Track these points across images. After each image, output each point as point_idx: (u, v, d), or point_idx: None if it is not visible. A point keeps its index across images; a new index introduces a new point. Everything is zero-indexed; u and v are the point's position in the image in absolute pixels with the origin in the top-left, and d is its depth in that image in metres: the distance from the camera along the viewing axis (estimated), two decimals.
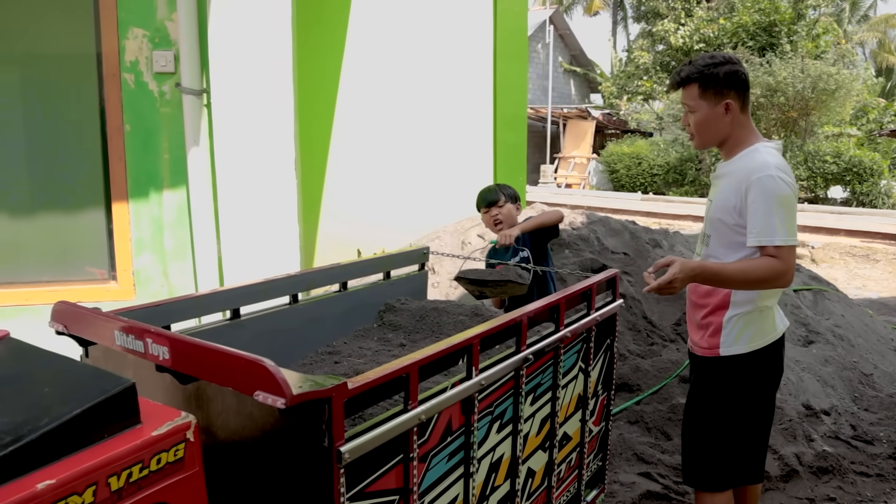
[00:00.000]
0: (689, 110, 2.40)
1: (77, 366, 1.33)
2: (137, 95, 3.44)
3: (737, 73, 2.35)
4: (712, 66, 2.33)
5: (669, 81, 2.51)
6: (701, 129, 2.40)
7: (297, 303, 2.55)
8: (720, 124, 2.37)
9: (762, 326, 2.45)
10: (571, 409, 2.49)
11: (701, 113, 2.37)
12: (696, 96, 2.36)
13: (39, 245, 3.53)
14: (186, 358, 1.47)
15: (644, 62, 23.70)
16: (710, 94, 2.34)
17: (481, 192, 3.39)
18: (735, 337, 2.45)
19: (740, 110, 2.38)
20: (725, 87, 2.33)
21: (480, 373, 1.82)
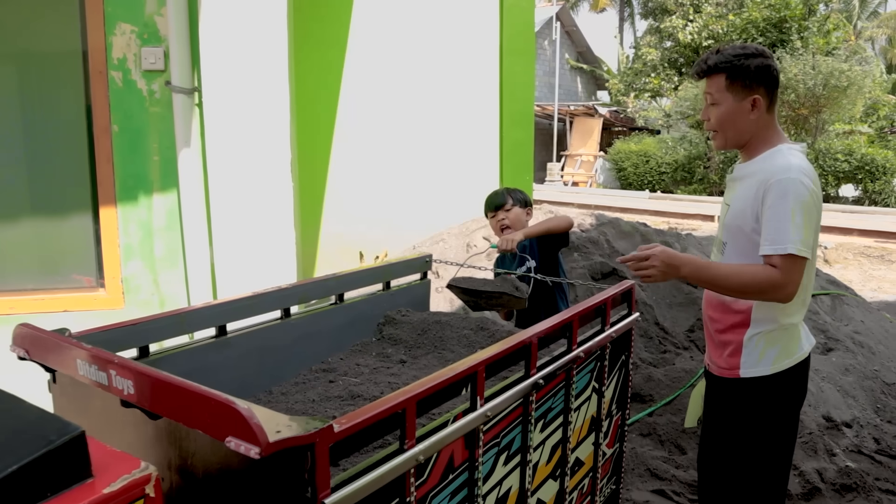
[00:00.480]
0: (712, 102, 2.18)
1: (18, 407, 1.16)
2: (125, 94, 3.27)
3: (769, 67, 2.14)
4: (743, 56, 2.13)
5: (694, 69, 2.27)
6: (724, 124, 2.18)
7: (290, 317, 2.38)
8: (745, 121, 2.16)
9: (787, 346, 2.23)
10: (584, 433, 2.31)
11: (725, 107, 2.16)
12: (722, 88, 2.15)
13: (23, 251, 3.37)
14: (152, 394, 1.29)
15: (652, 59, 23.44)
16: (737, 87, 2.13)
17: (488, 196, 3.23)
18: (758, 357, 2.24)
19: (767, 109, 2.17)
20: (755, 81, 2.12)
21: (486, 402, 1.65)
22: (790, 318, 2.22)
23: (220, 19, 3.19)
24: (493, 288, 2.73)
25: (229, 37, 3.21)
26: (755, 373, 2.24)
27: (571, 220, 3.14)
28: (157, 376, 1.27)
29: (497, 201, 3.15)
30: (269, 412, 1.20)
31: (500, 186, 3.29)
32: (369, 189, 7.29)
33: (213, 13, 3.18)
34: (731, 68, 2.13)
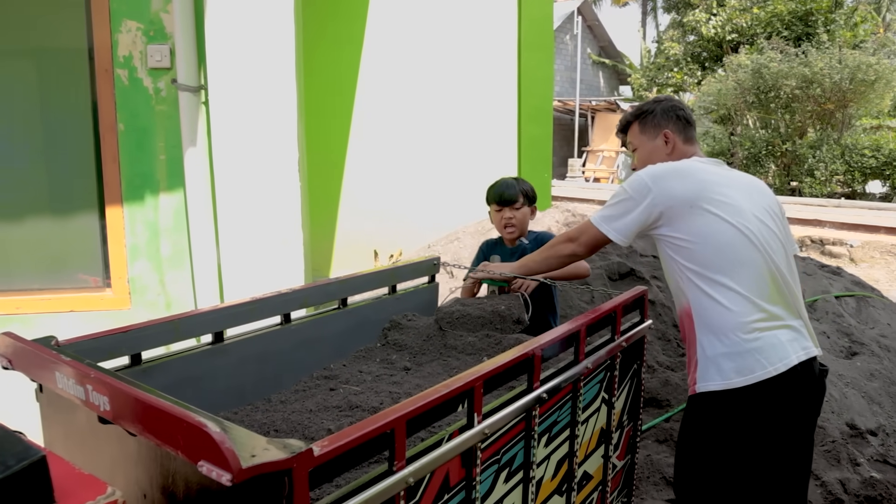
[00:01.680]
0: (633, 149, 2.46)
1: None
2: (131, 92, 3.23)
3: (673, 107, 2.39)
4: (652, 103, 2.42)
5: (616, 131, 2.57)
6: (645, 163, 2.32)
7: (290, 323, 2.32)
8: (662, 157, 2.34)
9: (748, 359, 2.00)
10: (593, 446, 2.23)
11: (643, 149, 2.41)
12: (636, 133, 2.42)
13: (30, 250, 3.35)
14: (128, 411, 1.24)
15: (675, 53, 23.14)
16: (648, 129, 2.39)
17: (497, 186, 3.01)
18: (713, 371, 2.06)
19: (683, 142, 2.36)
20: (663, 119, 2.37)
21: (485, 419, 1.57)
22: (744, 331, 2.01)
23: (226, 16, 3.13)
24: (490, 313, 2.57)
25: (236, 34, 3.16)
26: (705, 388, 2.08)
27: (589, 270, 3.03)
28: (132, 393, 1.21)
29: (508, 196, 2.96)
30: (246, 434, 1.14)
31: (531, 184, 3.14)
32: (384, 187, 7.23)
33: (219, 10, 3.12)
34: (641, 114, 2.40)
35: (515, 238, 3.05)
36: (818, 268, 6.50)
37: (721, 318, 2.03)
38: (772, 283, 2.05)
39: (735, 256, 2.03)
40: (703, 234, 2.05)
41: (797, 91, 16.18)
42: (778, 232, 2.14)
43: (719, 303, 2.03)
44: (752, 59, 17.07)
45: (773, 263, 2.07)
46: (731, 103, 17.97)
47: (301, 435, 1.88)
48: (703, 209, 2.05)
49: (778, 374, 1.98)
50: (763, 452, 2.04)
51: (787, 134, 17.21)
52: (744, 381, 1.98)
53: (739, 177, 2.22)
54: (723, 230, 2.04)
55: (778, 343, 2.02)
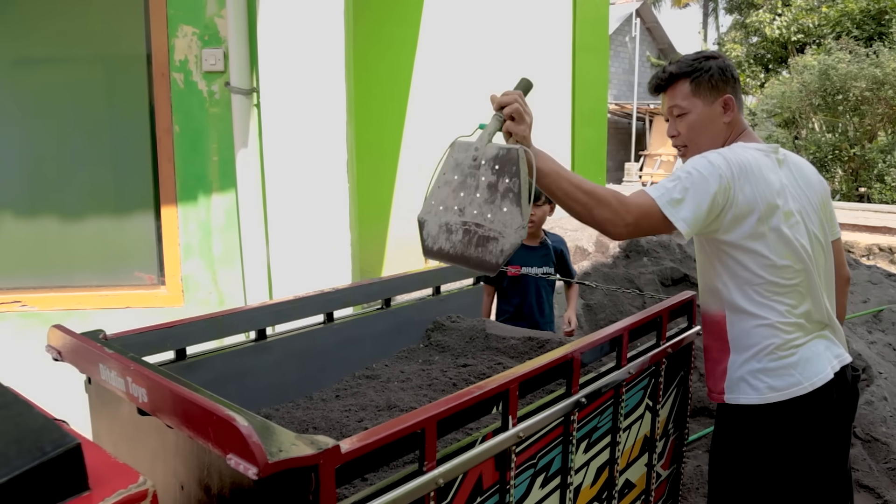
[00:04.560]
0: (679, 113, 2.01)
1: (24, 413, 1.14)
2: (186, 95, 3.32)
3: (729, 66, 1.99)
4: (703, 59, 1.99)
5: (650, 85, 2.08)
6: (697, 133, 2.00)
7: (333, 321, 2.34)
8: (718, 126, 1.99)
9: (784, 375, 1.89)
10: (636, 454, 2.18)
11: (695, 114, 1.99)
12: (688, 94, 1.98)
13: (89, 248, 3.47)
14: (164, 403, 1.26)
15: (737, 55, 22.57)
16: (704, 90, 1.97)
17: None
18: (740, 383, 1.95)
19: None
20: (721, 80, 1.97)
21: (520, 422, 1.55)
22: (783, 349, 1.90)
23: (278, 20, 3.19)
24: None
25: (287, 38, 3.21)
26: (736, 400, 1.96)
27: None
28: (168, 386, 1.24)
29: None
30: (275, 428, 1.15)
31: None
32: None
33: (271, 14, 3.18)
34: (694, 72, 1.96)
35: (534, 233, 3.17)
36: (885, 276, 6.24)
37: (760, 336, 1.91)
38: (815, 298, 1.94)
39: (786, 276, 1.89)
40: (759, 250, 1.87)
41: (867, 93, 15.58)
42: (822, 238, 1.99)
43: (762, 321, 1.90)
44: (820, 60, 16.52)
45: (818, 276, 1.95)
46: (795, 106, 17.42)
47: (338, 433, 1.90)
48: (764, 221, 1.85)
49: (814, 389, 1.89)
50: (799, 465, 1.95)
51: (855, 138, 16.59)
52: (778, 396, 1.89)
53: (794, 173, 1.99)
54: (780, 248, 1.87)
55: (814, 355, 1.92)
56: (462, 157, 1.75)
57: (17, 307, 3.37)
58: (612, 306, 4.81)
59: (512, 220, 1.61)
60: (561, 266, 3.30)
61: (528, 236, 3.23)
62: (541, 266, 3.20)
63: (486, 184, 1.68)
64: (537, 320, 3.20)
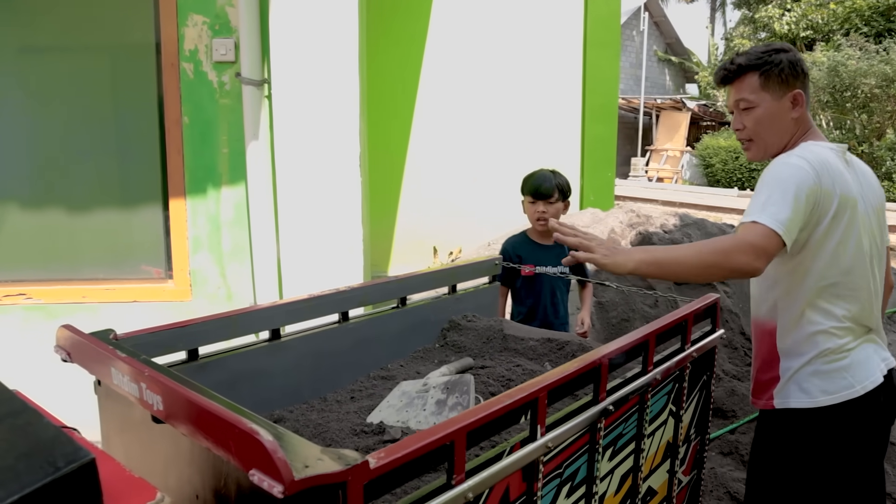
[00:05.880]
0: (746, 107, 1.95)
1: (35, 423, 1.08)
2: (196, 86, 3.25)
3: (800, 60, 1.93)
4: (773, 52, 1.92)
5: (716, 76, 2.04)
6: (764, 128, 1.94)
7: (348, 321, 2.28)
8: (786, 122, 1.93)
9: (836, 378, 1.88)
10: (658, 460, 2.12)
11: (763, 108, 1.93)
12: (756, 88, 1.92)
13: (96, 240, 3.41)
14: (180, 412, 1.20)
15: None
16: (774, 84, 1.91)
17: (534, 178, 3.02)
18: (792, 387, 1.94)
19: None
20: (792, 75, 1.91)
21: (548, 431, 1.49)
22: (837, 353, 1.88)
23: (290, 10, 3.12)
24: None
25: (299, 28, 3.14)
26: (786, 405, 1.95)
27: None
28: (185, 394, 1.17)
29: (543, 190, 2.98)
30: (300, 442, 1.09)
31: (567, 177, 3.11)
32: (445, 183, 7.18)
33: (283, 4, 3.11)
34: (764, 65, 1.90)
35: (547, 232, 3.07)
36: None
37: (815, 341, 1.89)
38: (869, 303, 1.92)
39: (853, 282, 1.87)
40: (831, 251, 1.83)
41: (876, 90, 15.46)
42: (879, 243, 1.97)
43: (818, 326, 1.88)
44: (829, 57, 16.40)
45: (876, 281, 1.93)
46: None
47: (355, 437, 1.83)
48: (839, 220, 1.81)
49: (865, 393, 1.88)
50: (845, 468, 1.93)
51: (863, 135, 16.48)
52: (830, 399, 1.87)
53: (858, 175, 1.94)
54: (848, 251, 1.84)
55: (864, 359, 1.92)
56: (409, 388, 1.95)
57: (21, 300, 3.31)
58: (623, 304, 4.74)
59: None
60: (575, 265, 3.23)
61: (542, 235, 3.19)
62: (555, 265, 3.13)
63: (435, 401, 1.85)
64: (552, 321, 3.14)
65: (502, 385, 2.19)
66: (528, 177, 3.10)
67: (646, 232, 5.36)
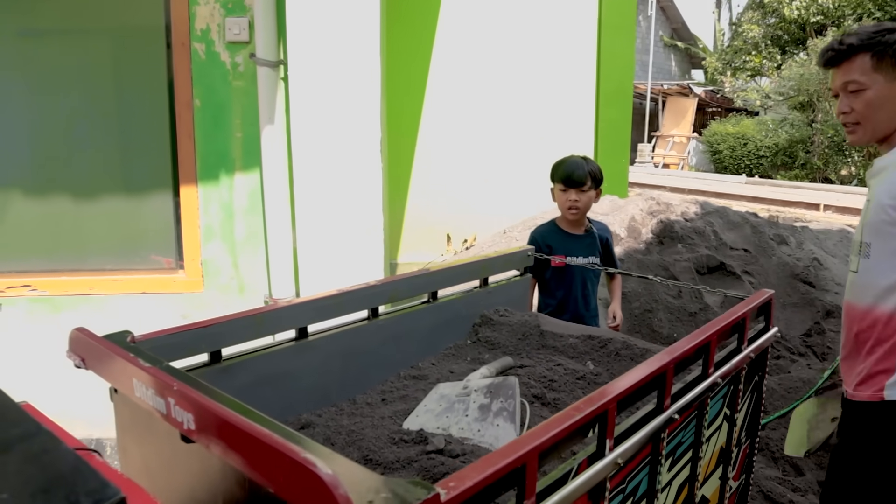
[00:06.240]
0: (856, 89, 1.87)
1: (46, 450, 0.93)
2: (208, 67, 3.09)
3: None
4: (886, 32, 1.84)
5: (823, 58, 1.95)
6: (874, 111, 1.87)
7: (378, 317, 2.13)
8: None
9: None
10: (711, 467, 1.98)
11: (875, 90, 1.85)
12: (868, 70, 1.85)
13: (103, 230, 3.26)
14: (217, 434, 1.05)
15: (753, 36, 22.15)
16: (887, 66, 1.83)
17: (566, 164, 2.90)
18: None
19: None
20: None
21: (616, 446, 1.34)
22: None
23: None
24: None
25: (317, 6, 2.97)
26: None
27: None
28: (225, 415, 1.02)
29: (576, 177, 2.85)
30: (360, 472, 0.94)
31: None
32: (458, 168, 7.01)
33: None
34: (877, 45, 1.83)
35: (578, 220, 2.98)
36: None
37: None
38: None
39: None
40: None
41: None
42: None
43: None
44: None
45: None
46: (813, 89, 17.07)
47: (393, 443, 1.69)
48: None
49: None
50: None
51: None
52: None
53: None
54: None
55: None
56: (448, 391, 1.84)
57: (26, 291, 3.17)
58: (646, 295, 4.59)
59: (505, 434, 1.66)
60: (606, 255, 3.09)
61: (572, 224, 3.04)
62: (586, 256, 2.99)
63: (478, 406, 1.75)
64: (582, 313, 3.00)
65: (544, 386, 2.04)
66: (558, 163, 2.95)
67: (667, 220, 5.21)
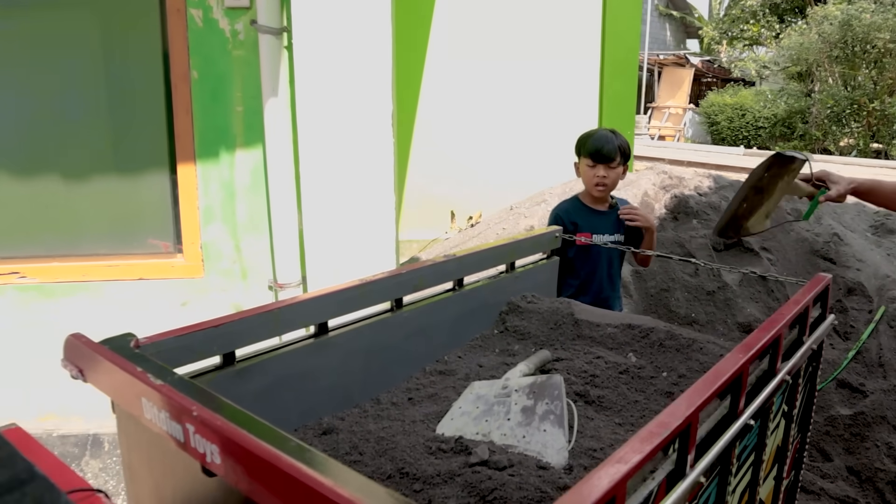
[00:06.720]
0: None
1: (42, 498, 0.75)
2: (206, 35, 2.86)
3: None
4: None
5: None
6: None
7: (402, 309, 1.95)
8: None
9: None
10: (768, 468, 1.82)
11: None
12: None
13: (96, 212, 3.06)
14: (248, 472, 0.87)
15: (751, 4, 21.83)
16: None
17: (594, 138, 2.70)
18: None
19: None
20: None
21: (697, 462, 1.17)
22: None
23: None
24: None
25: None
26: None
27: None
28: (259, 448, 0.84)
29: (606, 152, 2.65)
30: None
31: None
32: (460, 142, 6.80)
33: None
34: None
35: (603, 197, 2.80)
36: None
37: None
38: None
39: None
40: None
41: (891, 45, 15.00)
42: None
43: None
44: (842, 10, 15.88)
45: None
46: (812, 58, 16.83)
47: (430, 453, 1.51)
48: None
49: None
50: None
51: (874, 92, 16.06)
52: None
53: None
54: None
55: None
56: (485, 391, 1.70)
57: (14, 279, 2.97)
58: (662, 273, 4.43)
59: (553, 440, 1.53)
60: (630, 232, 2.91)
61: (597, 201, 2.86)
62: (612, 233, 2.82)
63: (521, 408, 1.62)
64: (608, 294, 2.83)
65: (586, 382, 1.87)
66: (585, 136, 2.76)
67: (681, 195, 5.03)
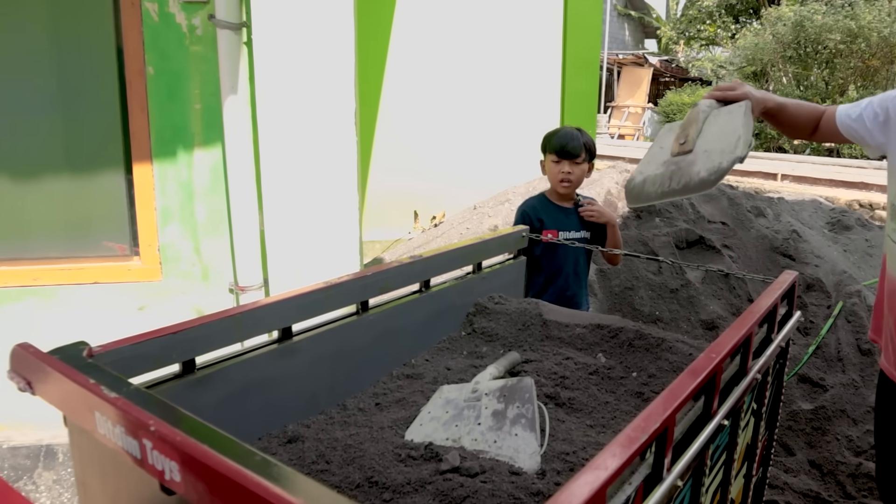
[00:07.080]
0: None
1: None
2: (162, 30, 2.77)
3: None
4: None
5: None
6: None
7: (367, 312, 1.90)
8: None
9: None
10: (738, 466, 1.82)
11: None
12: None
13: (47, 214, 2.94)
14: (210, 489, 0.81)
15: (708, 5, 22.19)
16: None
17: (559, 135, 2.72)
18: None
19: None
20: None
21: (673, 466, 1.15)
22: None
23: None
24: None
25: None
26: None
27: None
28: (223, 468, 0.79)
29: (570, 148, 2.68)
30: None
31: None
32: (423, 141, 6.76)
33: None
34: None
35: (569, 194, 2.81)
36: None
37: None
38: None
39: None
40: None
41: (841, 46, 15.37)
42: None
43: None
44: (795, 11, 16.23)
45: None
46: (767, 58, 17.17)
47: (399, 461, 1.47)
48: None
49: None
50: None
51: (826, 92, 16.45)
52: None
53: None
54: None
55: None
56: (455, 396, 1.66)
57: None
58: (626, 272, 4.45)
59: (525, 444, 1.51)
60: (596, 230, 2.90)
61: (563, 198, 2.85)
62: (578, 230, 2.81)
63: (491, 412, 1.58)
64: (575, 291, 2.83)
65: (556, 384, 1.85)
66: (550, 134, 2.76)
67: None
